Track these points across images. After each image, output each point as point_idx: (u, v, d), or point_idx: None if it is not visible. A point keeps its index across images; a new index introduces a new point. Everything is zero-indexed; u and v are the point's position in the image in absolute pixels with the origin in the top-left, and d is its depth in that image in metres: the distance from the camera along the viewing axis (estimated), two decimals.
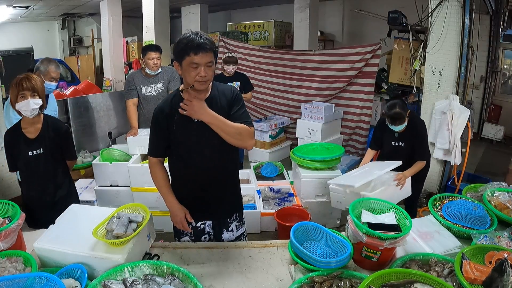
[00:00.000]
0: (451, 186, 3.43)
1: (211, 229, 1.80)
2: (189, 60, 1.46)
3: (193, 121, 1.57)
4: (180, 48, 1.47)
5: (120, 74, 7.32)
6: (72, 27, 10.82)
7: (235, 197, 1.81)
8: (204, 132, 1.57)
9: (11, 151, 2.00)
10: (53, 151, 2.00)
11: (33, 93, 1.87)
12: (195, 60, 1.45)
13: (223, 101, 1.61)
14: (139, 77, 3.34)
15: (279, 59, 5.15)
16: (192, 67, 1.47)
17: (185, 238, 1.80)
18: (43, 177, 2.02)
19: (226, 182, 1.73)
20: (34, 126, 1.97)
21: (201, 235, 1.79)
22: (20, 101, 1.85)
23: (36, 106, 1.88)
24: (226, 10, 9.52)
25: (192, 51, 1.44)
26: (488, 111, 5.83)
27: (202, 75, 1.47)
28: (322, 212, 3.12)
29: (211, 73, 1.51)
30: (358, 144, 4.74)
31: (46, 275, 1.19)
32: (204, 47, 1.44)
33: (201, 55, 1.44)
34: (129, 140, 3.16)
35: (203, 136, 1.59)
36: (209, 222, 1.78)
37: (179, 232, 1.80)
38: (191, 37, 1.45)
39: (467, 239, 1.66)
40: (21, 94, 1.85)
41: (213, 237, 1.82)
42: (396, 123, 2.51)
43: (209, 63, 1.48)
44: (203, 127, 1.56)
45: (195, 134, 1.59)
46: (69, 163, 2.18)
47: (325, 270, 1.38)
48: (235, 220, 1.81)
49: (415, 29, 3.60)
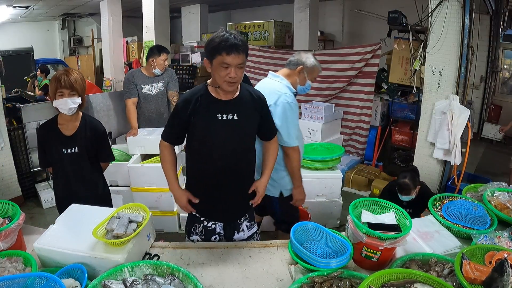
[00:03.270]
0: (451, 186, 3.42)
1: (222, 230, 1.79)
2: (220, 60, 1.45)
3: (216, 118, 1.57)
4: (212, 46, 1.45)
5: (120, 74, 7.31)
6: (72, 27, 10.82)
7: (248, 197, 1.79)
8: (226, 130, 1.58)
9: (43, 146, 1.93)
10: (88, 151, 1.94)
11: (71, 91, 1.79)
12: (226, 60, 1.44)
13: (251, 103, 1.64)
14: (139, 76, 3.34)
15: (279, 59, 5.15)
16: (223, 67, 1.46)
17: (195, 237, 1.79)
18: (76, 177, 1.95)
19: (241, 183, 1.73)
20: (71, 124, 1.91)
21: (212, 235, 1.78)
22: (58, 99, 1.79)
23: (74, 105, 1.81)
24: (226, 10, 9.52)
25: (224, 50, 1.42)
26: (488, 111, 5.83)
27: (232, 76, 1.46)
28: (322, 212, 3.12)
29: (241, 75, 1.51)
30: (358, 144, 4.74)
31: (46, 275, 1.19)
32: (237, 48, 1.43)
33: (233, 56, 1.43)
34: (129, 140, 3.16)
35: (225, 134, 1.59)
36: (220, 223, 1.78)
37: (190, 230, 1.80)
38: (225, 36, 1.43)
39: (467, 239, 1.66)
40: (60, 92, 1.78)
41: (224, 237, 1.80)
42: (403, 193, 2.53)
43: (240, 65, 1.47)
44: (226, 125, 1.57)
45: (217, 131, 1.58)
46: (103, 164, 2.12)
47: (325, 270, 1.38)
48: (245, 220, 1.82)
49: (415, 29, 3.60)
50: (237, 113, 1.59)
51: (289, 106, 1.94)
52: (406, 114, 4.35)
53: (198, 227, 1.78)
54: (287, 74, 2.07)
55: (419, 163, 3.57)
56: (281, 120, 1.91)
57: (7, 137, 3.65)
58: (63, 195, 1.99)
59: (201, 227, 1.77)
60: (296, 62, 2.07)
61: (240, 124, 1.61)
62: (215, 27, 8.31)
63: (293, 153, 2.00)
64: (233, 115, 1.59)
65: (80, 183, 1.97)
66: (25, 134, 3.84)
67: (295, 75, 2.06)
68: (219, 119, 1.57)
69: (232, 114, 1.59)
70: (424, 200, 2.57)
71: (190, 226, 1.80)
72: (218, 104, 1.59)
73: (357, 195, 4.02)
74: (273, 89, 1.97)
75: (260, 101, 1.68)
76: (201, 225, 1.77)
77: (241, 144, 1.64)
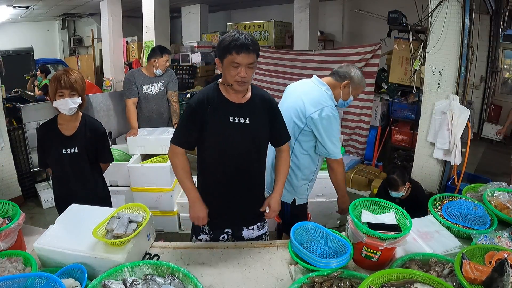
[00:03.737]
0: (451, 186, 3.42)
1: (230, 229, 1.79)
2: (230, 59, 1.45)
3: (229, 121, 1.56)
4: (223, 46, 1.46)
5: (120, 74, 7.31)
6: (72, 27, 10.82)
7: (259, 203, 1.77)
8: (238, 134, 1.57)
9: (43, 146, 1.93)
10: (88, 151, 1.93)
11: (71, 91, 1.79)
12: (236, 59, 1.44)
13: (262, 106, 1.63)
14: (140, 76, 3.35)
15: (279, 59, 5.15)
16: (233, 66, 1.46)
17: (203, 236, 1.76)
18: (75, 177, 1.94)
19: (252, 186, 1.72)
20: (71, 124, 1.90)
21: (220, 234, 1.77)
22: (58, 99, 1.78)
23: (74, 106, 1.81)
24: (226, 10, 9.52)
25: (234, 50, 1.43)
26: (488, 111, 5.83)
27: (242, 75, 1.46)
28: (322, 212, 3.12)
29: (251, 75, 1.50)
30: (358, 144, 4.74)
31: (46, 275, 1.19)
32: (247, 48, 1.43)
33: (243, 55, 1.44)
34: (129, 140, 3.16)
35: (237, 138, 1.58)
36: None
37: (197, 229, 1.77)
38: (236, 36, 1.44)
39: (467, 239, 1.66)
40: (60, 92, 1.77)
41: (232, 235, 1.79)
42: (392, 189, 2.58)
43: (251, 64, 1.47)
44: (238, 128, 1.56)
45: (229, 134, 1.57)
46: (103, 165, 2.11)
47: (325, 270, 1.38)
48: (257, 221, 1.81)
49: (415, 29, 3.60)
50: (249, 117, 1.58)
51: (334, 119, 1.90)
52: (406, 114, 4.35)
53: (206, 226, 1.75)
54: (333, 85, 1.99)
55: (419, 163, 3.57)
56: (327, 133, 1.89)
57: (7, 137, 3.65)
58: (63, 195, 1.99)
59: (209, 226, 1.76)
60: (343, 74, 1.99)
61: (252, 128, 1.59)
62: (215, 27, 8.33)
63: (338, 166, 1.99)
64: (245, 118, 1.58)
65: (80, 183, 1.96)
66: (25, 134, 3.85)
67: (339, 88, 1.99)
68: (231, 121, 1.56)
69: (244, 118, 1.58)
70: (416, 201, 2.58)
71: (198, 225, 1.77)
72: (231, 106, 1.58)
73: (357, 195, 4.02)
74: (318, 99, 1.91)
75: (269, 103, 1.66)
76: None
77: (253, 148, 1.62)
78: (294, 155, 2.03)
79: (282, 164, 1.78)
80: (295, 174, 2.06)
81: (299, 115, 1.94)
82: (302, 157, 2.02)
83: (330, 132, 1.90)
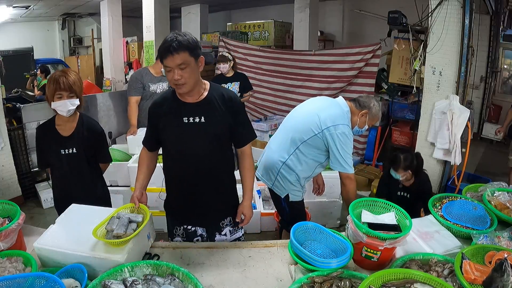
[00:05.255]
0: (451, 186, 3.42)
1: (204, 232, 1.79)
2: (164, 64, 1.45)
3: (183, 122, 1.55)
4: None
5: (120, 74, 7.31)
6: (72, 27, 10.81)
7: (228, 201, 1.77)
8: (193, 134, 1.55)
9: (41, 146, 1.93)
10: (86, 151, 1.93)
11: (70, 93, 1.79)
12: (166, 64, 1.43)
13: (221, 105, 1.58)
14: (148, 75, 3.39)
15: (279, 59, 5.16)
16: (167, 71, 1.45)
17: (177, 238, 1.80)
18: (74, 178, 1.94)
19: (219, 185, 1.70)
20: (68, 124, 1.90)
21: (193, 237, 1.78)
22: (57, 101, 1.78)
23: (72, 107, 1.81)
24: (226, 10, 9.52)
25: (162, 55, 1.42)
26: (488, 111, 5.84)
27: (176, 78, 1.43)
28: (322, 212, 3.12)
29: (188, 75, 1.44)
30: (358, 144, 4.74)
31: (46, 275, 1.19)
32: (171, 50, 1.38)
33: (170, 58, 1.41)
34: (129, 139, 3.17)
35: (192, 138, 1.56)
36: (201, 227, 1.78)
37: (172, 232, 1.81)
38: (165, 39, 1.42)
39: (467, 239, 1.66)
40: (58, 94, 1.77)
41: (207, 238, 1.80)
42: (392, 165, 2.57)
43: (181, 65, 1.42)
44: (193, 128, 1.54)
45: (184, 135, 1.57)
46: (102, 165, 2.11)
47: (325, 270, 1.38)
48: (228, 225, 1.78)
49: (415, 29, 3.60)
50: (204, 116, 1.55)
51: (350, 135, 1.99)
52: (406, 114, 4.35)
53: (179, 229, 1.78)
54: (352, 111, 2.09)
55: None
56: (342, 148, 1.96)
57: (7, 137, 3.65)
58: (62, 196, 1.99)
59: (182, 229, 1.77)
60: (364, 104, 2.09)
61: (209, 127, 1.56)
62: (215, 27, 8.33)
63: (350, 183, 2.05)
64: (200, 117, 1.55)
65: (78, 184, 1.97)
66: (25, 134, 3.85)
67: (357, 116, 2.08)
68: (185, 122, 1.55)
69: (199, 117, 1.55)
70: (422, 189, 2.56)
71: (171, 228, 1.80)
72: (186, 107, 1.56)
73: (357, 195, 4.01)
74: (337, 116, 2.00)
75: (232, 102, 1.60)
76: (181, 227, 1.77)
77: (211, 147, 1.58)
78: (294, 155, 2.07)
79: (246, 172, 1.74)
80: (297, 179, 2.12)
81: (316, 124, 2.00)
82: (297, 163, 2.09)
83: (346, 147, 1.98)
